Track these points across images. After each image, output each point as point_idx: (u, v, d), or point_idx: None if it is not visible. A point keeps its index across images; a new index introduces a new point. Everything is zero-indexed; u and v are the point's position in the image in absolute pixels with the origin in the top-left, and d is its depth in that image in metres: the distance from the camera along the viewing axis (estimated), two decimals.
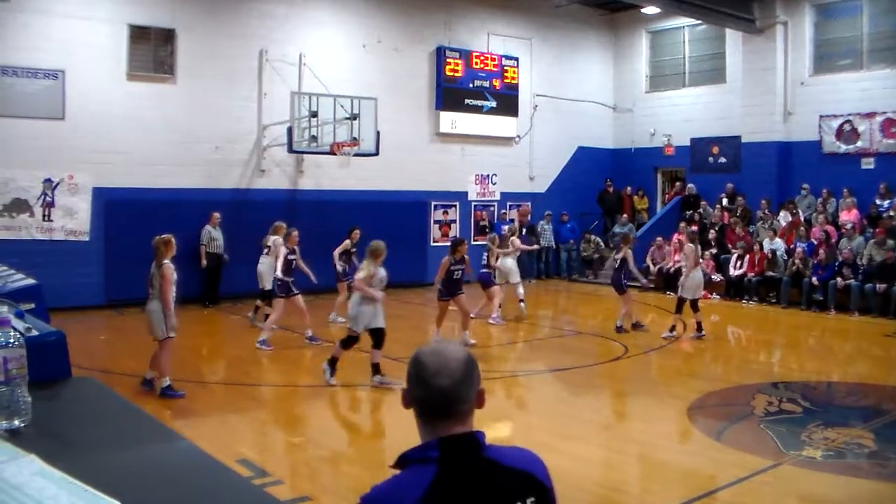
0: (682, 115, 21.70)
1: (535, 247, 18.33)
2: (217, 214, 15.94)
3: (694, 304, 12.84)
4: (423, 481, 1.92)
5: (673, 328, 13.11)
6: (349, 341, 9.69)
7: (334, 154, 16.21)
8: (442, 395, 2.01)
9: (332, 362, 9.75)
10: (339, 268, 13.92)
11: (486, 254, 14.30)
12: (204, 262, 15.71)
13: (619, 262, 13.73)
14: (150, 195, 15.71)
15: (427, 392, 2.02)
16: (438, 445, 1.98)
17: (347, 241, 13.98)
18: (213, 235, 15.86)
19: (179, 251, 15.94)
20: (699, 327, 12.90)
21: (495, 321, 14.47)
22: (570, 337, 13.66)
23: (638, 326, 13.76)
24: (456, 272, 11.97)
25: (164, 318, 8.96)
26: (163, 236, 9.25)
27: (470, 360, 2.10)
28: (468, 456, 1.99)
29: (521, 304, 15.09)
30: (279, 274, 11.98)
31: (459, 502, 1.94)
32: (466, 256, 12.16)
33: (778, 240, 17.54)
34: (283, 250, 12.09)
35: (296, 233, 12.36)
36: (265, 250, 13.50)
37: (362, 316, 9.58)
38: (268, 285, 13.08)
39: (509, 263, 14.82)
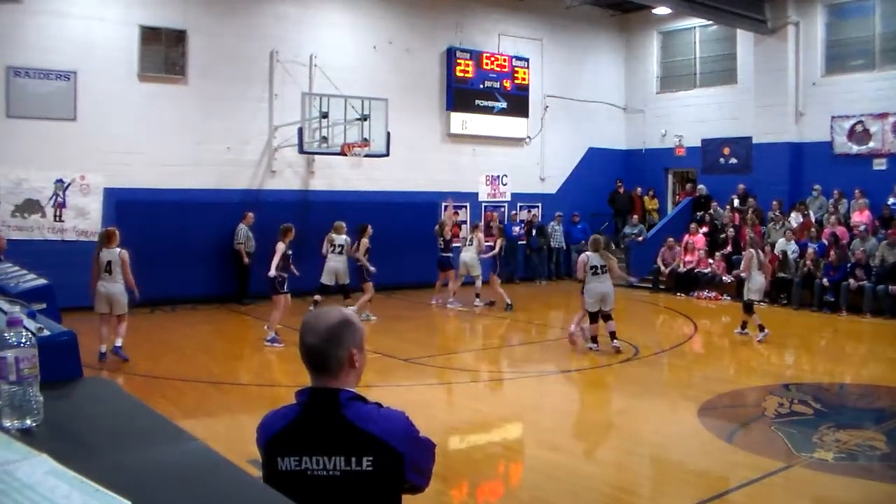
0: (693, 116, 21.63)
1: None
2: (251, 214, 16.22)
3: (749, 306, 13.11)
4: (289, 418, 2.43)
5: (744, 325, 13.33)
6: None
7: (345, 155, 16.24)
8: (310, 350, 2.43)
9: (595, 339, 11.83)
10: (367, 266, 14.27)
11: (441, 239, 16.47)
12: (246, 260, 16.07)
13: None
14: (162, 196, 15.76)
15: (301, 347, 2.45)
16: (307, 393, 2.43)
17: (366, 240, 14.18)
18: (249, 234, 16.13)
19: (207, 250, 16.16)
20: (745, 325, 13.23)
21: (453, 305, 16.12)
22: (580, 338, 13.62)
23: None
24: None
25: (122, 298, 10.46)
26: (109, 228, 10.72)
27: (340, 323, 2.45)
28: (323, 408, 2.38)
29: (477, 297, 16.42)
30: (276, 271, 11.98)
31: (305, 443, 2.36)
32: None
33: (791, 240, 17.47)
34: (281, 246, 12.09)
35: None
36: (337, 249, 14.29)
37: None
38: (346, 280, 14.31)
39: (467, 257, 16.28)
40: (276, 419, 2.46)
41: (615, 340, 11.87)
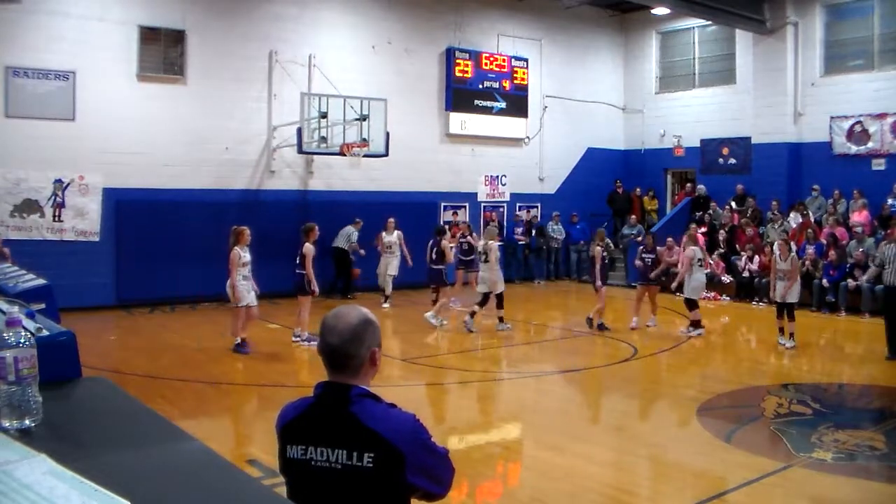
0: (692, 116, 21.64)
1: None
2: (360, 220, 17.18)
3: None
4: (301, 409, 2.51)
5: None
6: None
7: (344, 155, 16.24)
8: (331, 349, 2.46)
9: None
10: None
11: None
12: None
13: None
14: (160, 196, 15.76)
15: (322, 346, 2.49)
16: (322, 386, 2.49)
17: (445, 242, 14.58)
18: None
19: (206, 250, 16.05)
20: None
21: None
22: (579, 338, 13.63)
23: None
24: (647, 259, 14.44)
25: (233, 292, 11.24)
26: (238, 227, 11.30)
27: (361, 324, 2.48)
28: (334, 402, 2.44)
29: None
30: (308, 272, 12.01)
31: (311, 434, 2.43)
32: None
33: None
34: (310, 247, 12.02)
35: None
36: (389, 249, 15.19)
37: None
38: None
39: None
40: (291, 409, 2.55)
41: (689, 328, 13.25)
